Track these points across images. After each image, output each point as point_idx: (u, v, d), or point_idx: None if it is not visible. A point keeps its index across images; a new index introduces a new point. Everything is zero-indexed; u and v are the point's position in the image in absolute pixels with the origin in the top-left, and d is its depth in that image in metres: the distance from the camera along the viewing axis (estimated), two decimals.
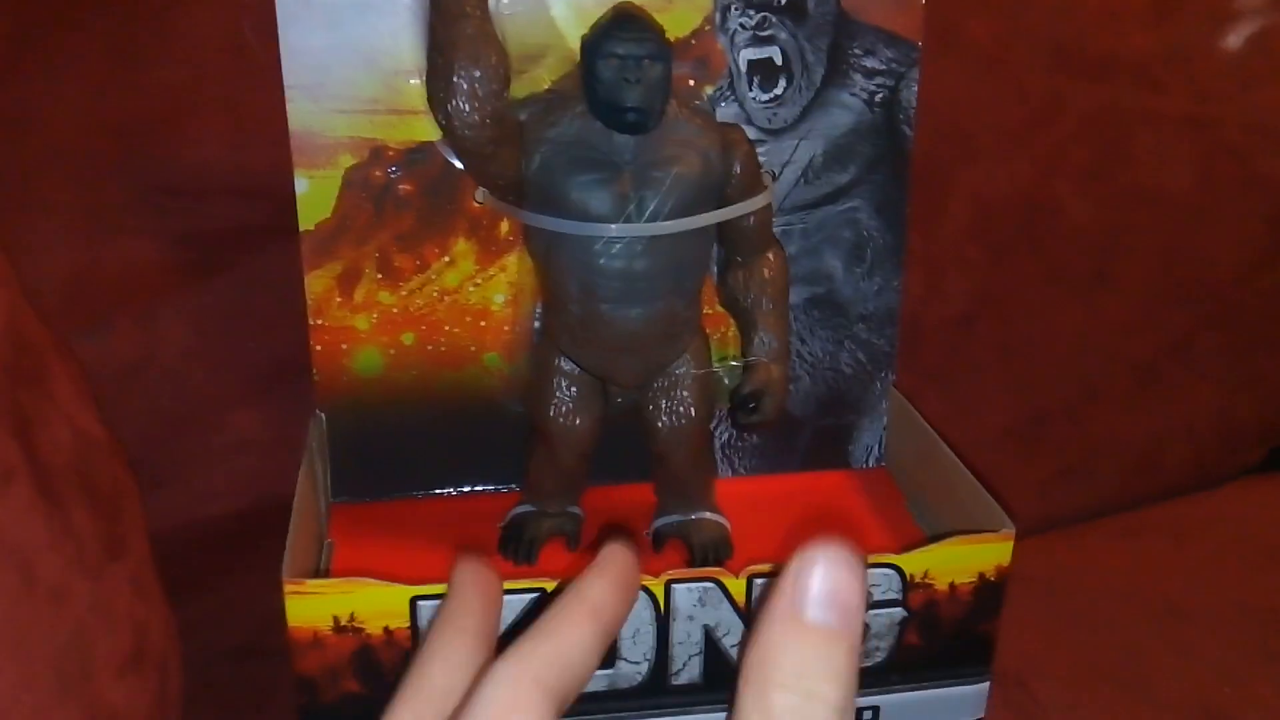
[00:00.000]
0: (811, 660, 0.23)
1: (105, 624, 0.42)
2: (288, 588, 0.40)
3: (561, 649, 0.26)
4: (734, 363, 0.52)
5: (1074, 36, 0.68)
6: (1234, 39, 0.72)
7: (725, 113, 0.51)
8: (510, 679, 0.24)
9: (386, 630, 0.42)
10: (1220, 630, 0.63)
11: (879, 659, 0.45)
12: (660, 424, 0.48)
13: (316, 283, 0.50)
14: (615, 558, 0.29)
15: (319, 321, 0.51)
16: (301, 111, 0.48)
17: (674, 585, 0.43)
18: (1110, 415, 0.74)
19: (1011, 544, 0.45)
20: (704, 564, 0.48)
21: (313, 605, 0.41)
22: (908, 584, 0.44)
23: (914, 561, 0.44)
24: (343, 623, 0.41)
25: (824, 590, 0.23)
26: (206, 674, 0.53)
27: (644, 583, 0.42)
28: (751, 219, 0.48)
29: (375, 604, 0.41)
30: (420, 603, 0.41)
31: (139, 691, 0.43)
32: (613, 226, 0.44)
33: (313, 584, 0.41)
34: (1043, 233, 0.69)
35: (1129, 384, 0.74)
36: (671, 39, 0.44)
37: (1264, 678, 0.60)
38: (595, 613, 0.27)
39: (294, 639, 0.41)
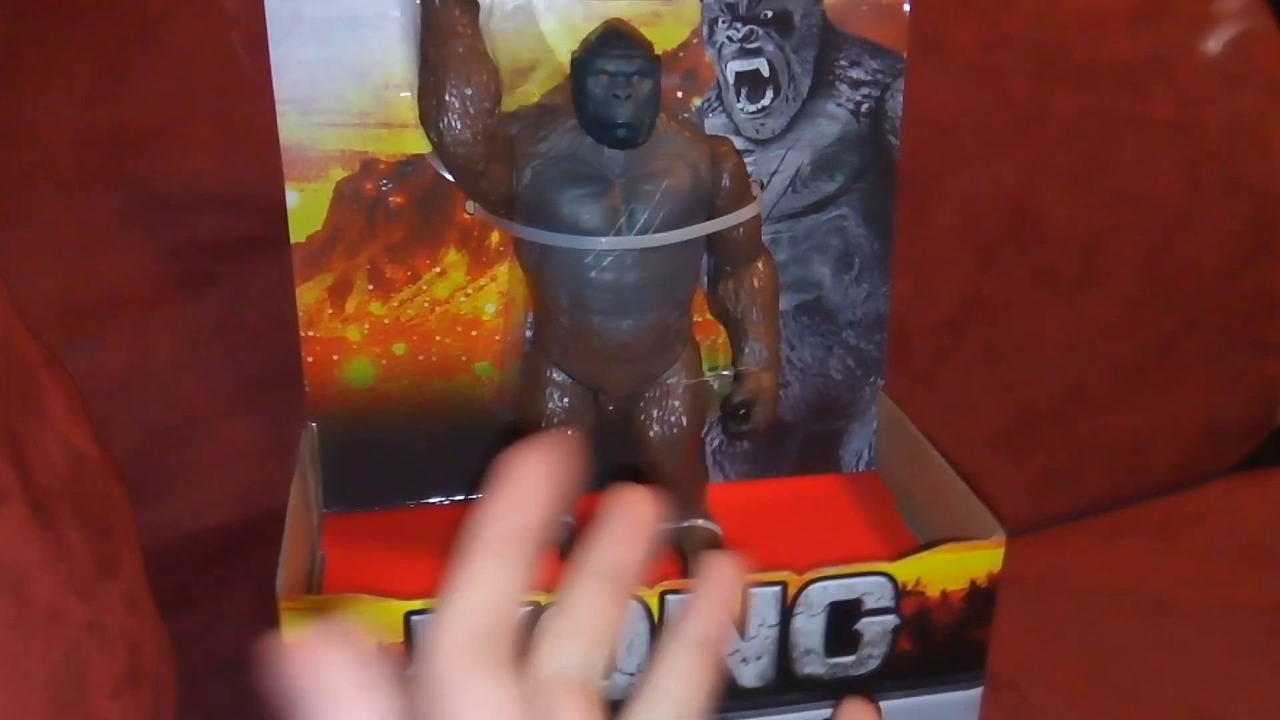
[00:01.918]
0: None
1: (99, 643, 0.42)
2: (283, 604, 0.40)
3: (575, 623, 0.25)
4: (724, 371, 0.52)
5: (1057, 43, 0.69)
6: (1215, 44, 0.72)
7: (714, 124, 0.51)
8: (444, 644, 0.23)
9: (380, 646, 0.42)
10: (1209, 628, 0.64)
11: (872, 666, 0.46)
12: (652, 433, 0.49)
13: (307, 294, 0.51)
14: (619, 511, 0.28)
15: (310, 333, 0.51)
16: (292, 125, 0.48)
17: (668, 596, 0.43)
18: (1097, 416, 0.75)
19: (1002, 551, 0.45)
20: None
21: (309, 621, 0.41)
22: (900, 592, 0.45)
23: (906, 570, 0.45)
24: None
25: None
26: (199, 687, 0.53)
27: (638, 593, 0.43)
28: (740, 229, 0.48)
29: (369, 620, 0.41)
30: (414, 618, 0.41)
31: (133, 709, 0.43)
32: (603, 240, 0.44)
33: (308, 600, 0.41)
34: (1028, 237, 0.69)
35: (1115, 385, 0.75)
36: (660, 53, 0.44)
37: (1253, 675, 0.60)
38: (595, 577, 0.27)
39: None
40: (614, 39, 0.43)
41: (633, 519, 0.28)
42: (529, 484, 0.26)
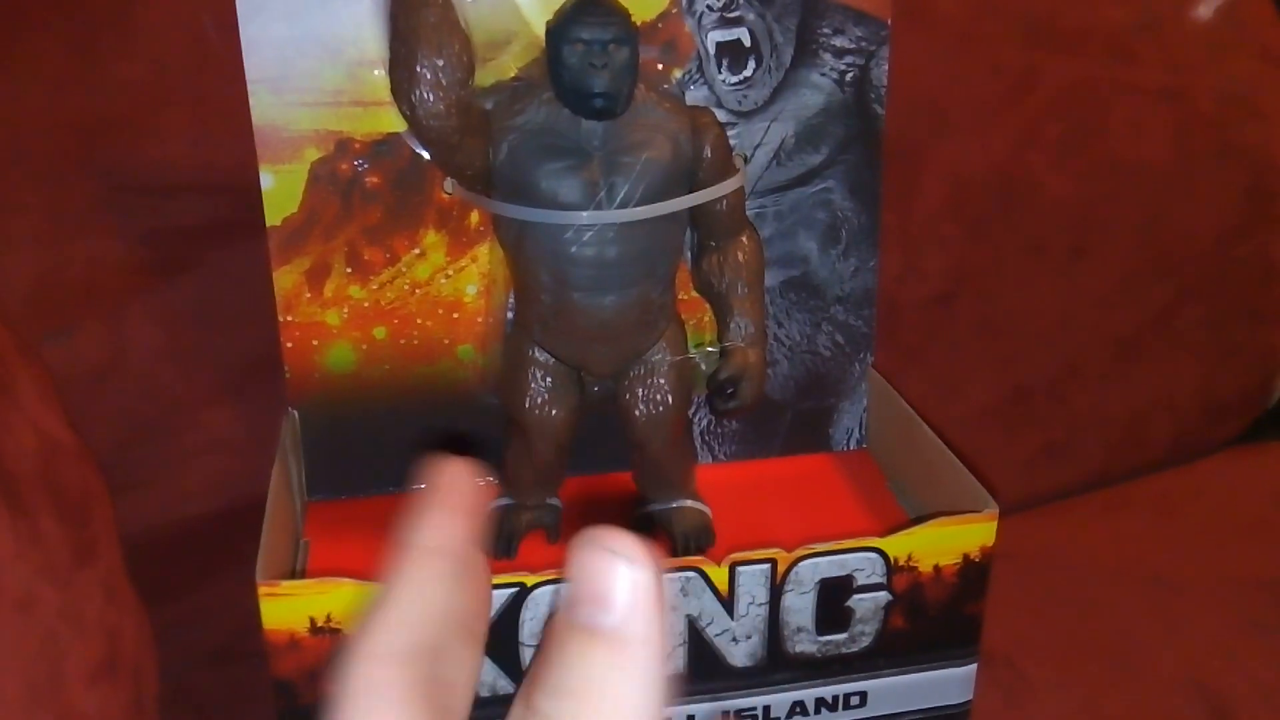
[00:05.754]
0: (574, 674, 0.20)
1: (75, 631, 0.41)
2: (262, 590, 0.40)
3: (405, 608, 0.23)
4: (710, 348, 0.51)
5: (1046, 9, 0.68)
6: (1205, 9, 0.71)
7: (695, 96, 0.50)
8: (361, 665, 0.22)
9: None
10: (1207, 602, 0.63)
11: (865, 644, 0.45)
12: (637, 412, 0.48)
13: (285, 278, 0.50)
14: (436, 483, 0.25)
15: (289, 318, 0.50)
16: (265, 105, 0.47)
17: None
18: (1092, 390, 0.74)
19: (995, 524, 0.44)
20: (685, 553, 0.48)
21: (289, 607, 0.40)
22: (892, 567, 0.44)
23: (897, 544, 0.44)
24: (320, 624, 0.40)
25: (589, 589, 0.20)
26: (183, 678, 0.52)
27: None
28: (724, 203, 0.47)
29: (352, 604, 0.41)
30: None
31: (111, 698, 0.43)
32: (583, 214, 0.43)
33: (288, 585, 0.40)
34: (1019, 208, 0.69)
35: (1110, 358, 0.74)
36: (638, 22, 0.43)
37: (1251, 648, 0.60)
38: (429, 553, 0.24)
39: (270, 641, 0.40)
40: (590, 6, 0.42)
41: (454, 489, 0.25)
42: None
